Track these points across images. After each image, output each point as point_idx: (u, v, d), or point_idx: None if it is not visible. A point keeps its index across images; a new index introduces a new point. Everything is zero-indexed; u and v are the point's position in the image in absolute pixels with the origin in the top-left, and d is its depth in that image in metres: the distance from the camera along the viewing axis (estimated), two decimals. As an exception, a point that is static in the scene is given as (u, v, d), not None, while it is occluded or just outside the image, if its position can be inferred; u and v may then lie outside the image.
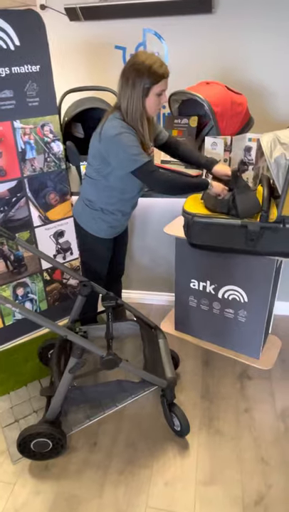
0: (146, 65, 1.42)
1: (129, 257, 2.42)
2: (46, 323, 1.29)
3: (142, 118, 1.50)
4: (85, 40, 2.62)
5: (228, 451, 1.58)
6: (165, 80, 1.48)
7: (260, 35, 2.31)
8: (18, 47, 1.61)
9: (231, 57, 2.40)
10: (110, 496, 1.43)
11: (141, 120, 1.50)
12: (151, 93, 1.46)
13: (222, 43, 2.39)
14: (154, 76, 1.43)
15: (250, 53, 2.36)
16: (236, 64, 2.40)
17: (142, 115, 1.50)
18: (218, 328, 2.06)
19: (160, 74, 1.44)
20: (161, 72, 1.44)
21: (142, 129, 1.52)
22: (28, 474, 1.52)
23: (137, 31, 2.55)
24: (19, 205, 1.87)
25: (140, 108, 1.48)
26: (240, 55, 2.38)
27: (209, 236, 1.67)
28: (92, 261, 1.88)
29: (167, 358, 1.67)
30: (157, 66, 1.43)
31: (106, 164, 1.56)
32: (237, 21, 2.33)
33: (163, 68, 1.45)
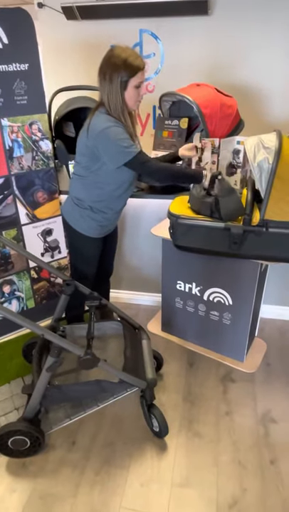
0: (121, 58, 1.43)
1: (119, 256, 2.42)
2: (23, 322, 1.29)
3: (123, 111, 1.52)
4: (81, 39, 2.63)
5: (205, 453, 1.58)
6: (142, 72, 1.49)
7: (256, 38, 2.30)
8: (7, 45, 1.61)
9: (226, 59, 2.40)
10: (85, 496, 1.44)
11: (123, 114, 1.52)
12: (129, 86, 1.48)
13: (217, 44, 2.39)
14: (130, 69, 1.44)
15: (245, 55, 2.36)
16: (231, 66, 2.40)
17: (123, 109, 1.52)
18: (203, 330, 2.06)
19: (136, 66, 1.44)
20: (136, 64, 1.45)
21: (125, 122, 1.53)
22: (4, 471, 1.52)
23: (133, 31, 2.55)
24: (6, 202, 1.88)
25: (120, 102, 1.49)
26: (235, 57, 2.38)
27: (193, 238, 1.66)
28: (81, 260, 1.88)
29: (149, 358, 1.66)
30: (133, 59, 1.44)
31: (95, 160, 1.57)
32: (233, 23, 2.32)
33: (138, 60, 1.46)
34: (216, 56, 2.42)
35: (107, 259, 2.02)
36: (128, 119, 1.54)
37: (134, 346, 1.72)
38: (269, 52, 2.31)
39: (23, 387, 1.68)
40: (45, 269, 2.15)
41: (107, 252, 1.98)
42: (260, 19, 2.26)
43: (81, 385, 1.59)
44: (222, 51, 2.40)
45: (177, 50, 2.51)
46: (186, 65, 2.50)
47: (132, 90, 1.49)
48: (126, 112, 1.53)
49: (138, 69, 1.46)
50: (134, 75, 1.46)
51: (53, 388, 1.51)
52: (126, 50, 1.46)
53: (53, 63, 2.61)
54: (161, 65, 2.58)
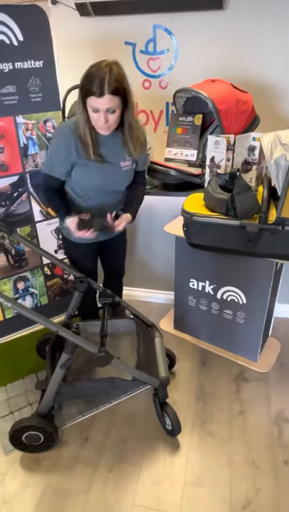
0: (84, 74, 1.33)
1: (132, 254, 2.42)
2: (38, 318, 1.30)
3: (84, 127, 1.41)
4: (94, 35, 2.61)
5: (218, 453, 1.57)
6: (95, 99, 1.31)
7: (271, 32, 2.26)
8: (22, 42, 1.62)
9: (241, 54, 2.36)
10: (98, 492, 1.44)
11: (83, 129, 1.41)
12: (87, 106, 1.36)
13: (232, 39, 2.36)
14: (83, 88, 1.33)
15: (261, 50, 2.31)
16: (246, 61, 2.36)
17: (84, 126, 1.41)
18: (216, 329, 2.04)
19: (88, 89, 1.31)
20: (89, 87, 1.30)
21: (84, 139, 1.43)
22: (19, 466, 1.54)
23: (147, 27, 2.53)
24: (20, 199, 1.89)
25: (82, 118, 1.40)
26: (250, 51, 2.34)
27: (208, 236, 1.65)
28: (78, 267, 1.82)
29: (162, 356, 1.66)
30: (89, 80, 1.30)
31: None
32: (248, 18, 2.28)
33: (94, 85, 1.29)
34: (231, 51, 2.38)
35: (113, 262, 1.98)
36: (88, 136, 1.42)
37: (147, 344, 1.71)
38: (285, 47, 2.26)
39: (37, 383, 1.69)
40: (58, 266, 2.16)
41: (111, 256, 1.94)
42: (275, 13, 2.21)
43: (94, 382, 1.59)
44: (237, 46, 2.36)
45: (191, 46, 2.47)
46: (201, 60, 2.47)
47: (90, 111, 1.37)
48: (87, 128, 1.41)
49: (90, 93, 1.31)
50: (87, 97, 1.33)
51: (67, 385, 1.52)
52: (97, 70, 1.30)
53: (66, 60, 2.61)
54: (174, 61, 2.55)
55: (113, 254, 1.92)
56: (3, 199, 1.83)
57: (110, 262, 1.97)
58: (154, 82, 2.63)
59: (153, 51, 2.56)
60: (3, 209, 1.85)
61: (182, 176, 1.95)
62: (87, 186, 1.57)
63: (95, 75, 1.29)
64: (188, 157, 2.08)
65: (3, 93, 1.64)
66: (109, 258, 1.94)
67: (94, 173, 1.52)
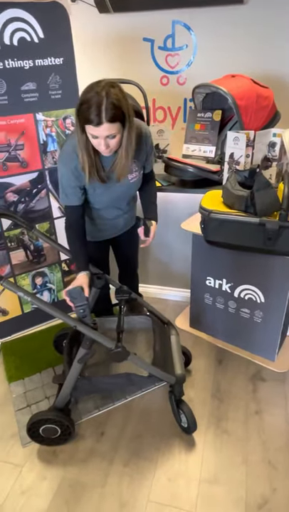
0: (80, 99, 1.24)
1: (148, 251, 2.42)
2: (57, 313, 1.32)
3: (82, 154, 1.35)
4: (113, 32, 2.62)
5: (234, 452, 1.56)
6: (93, 127, 1.24)
7: (293, 26, 2.22)
8: (42, 39, 1.63)
9: (262, 49, 2.33)
10: (114, 486, 1.45)
11: (82, 157, 1.35)
12: (86, 132, 1.29)
13: (253, 34, 2.32)
14: (80, 116, 1.25)
15: (282, 45, 2.27)
16: (267, 55, 2.32)
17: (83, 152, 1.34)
18: (233, 328, 2.02)
19: (85, 117, 1.23)
20: (86, 116, 1.22)
21: (83, 166, 1.38)
22: (36, 458, 1.56)
23: (165, 23, 2.51)
24: (40, 196, 1.91)
25: (81, 143, 1.33)
26: (271, 46, 2.30)
27: (226, 233, 1.63)
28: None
29: (178, 354, 1.65)
30: (85, 108, 1.21)
31: None
32: (269, 12, 2.24)
33: (91, 113, 1.20)
34: (251, 46, 2.34)
35: (127, 255, 1.97)
36: (86, 157, 1.35)
37: (163, 341, 1.71)
38: (307, 41, 2.22)
39: (54, 377, 1.71)
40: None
41: (124, 249, 1.93)
42: (298, 6, 2.17)
43: (111, 377, 1.60)
44: (257, 40, 2.32)
45: (211, 41, 2.45)
46: (220, 56, 2.44)
47: (89, 136, 1.30)
48: (87, 150, 1.34)
49: (87, 121, 1.23)
50: (85, 124, 1.26)
51: (84, 379, 1.53)
52: (90, 94, 1.21)
53: (85, 57, 2.62)
54: (193, 57, 2.53)
55: (126, 247, 1.92)
56: (22, 195, 1.86)
57: (124, 255, 1.97)
58: (172, 79, 2.62)
59: (172, 47, 2.55)
60: (22, 205, 1.88)
61: (200, 172, 1.93)
62: (98, 203, 1.56)
63: (92, 102, 1.20)
64: (207, 153, 2.07)
65: (23, 90, 1.66)
66: (123, 251, 1.94)
67: (103, 193, 1.51)
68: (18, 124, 1.70)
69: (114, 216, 1.66)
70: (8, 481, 1.49)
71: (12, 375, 1.95)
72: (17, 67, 1.61)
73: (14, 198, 1.84)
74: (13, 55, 1.59)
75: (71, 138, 1.41)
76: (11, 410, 1.77)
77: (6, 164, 1.75)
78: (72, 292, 1.32)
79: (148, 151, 1.54)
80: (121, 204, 1.62)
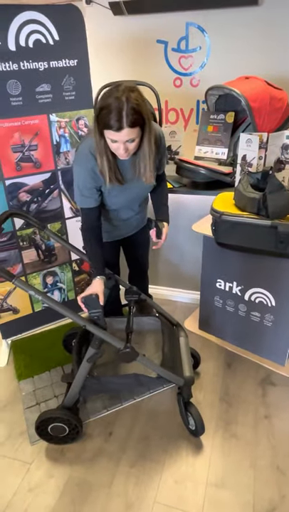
0: (100, 104, 1.24)
1: (158, 252, 2.42)
2: (66, 312, 1.33)
3: (101, 158, 1.36)
4: (127, 34, 2.63)
5: (242, 456, 1.54)
6: (113, 133, 1.25)
7: (309, 28, 2.20)
8: (57, 41, 1.65)
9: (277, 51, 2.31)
10: (120, 487, 1.46)
11: (100, 161, 1.37)
12: (105, 136, 1.30)
13: (267, 35, 2.31)
14: (100, 121, 1.26)
15: (296, 46, 2.25)
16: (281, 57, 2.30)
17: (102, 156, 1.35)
18: (243, 331, 2.01)
19: (105, 123, 1.24)
20: (106, 121, 1.23)
21: (101, 168, 1.39)
22: (44, 456, 1.57)
23: (179, 25, 2.52)
24: (52, 196, 1.93)
25: (99, 147, 1.34)
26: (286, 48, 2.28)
27: (237, 236, 1.62)
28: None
29: (186, 356, 1.65)
30: (105, 113, 1.22)
31: None
32: (284, 13, 2.23)
33: (112, 118, 1.21)
34: (265, 47, 2.33)
35: (137, 255, 1.98)
36: (105, 160, 1.36)
37: (172, 343, 1.71)
38: None
39: (63, 375, 1.72)
40: (86, 263, 2.19)
41: (135, 249, 1.94)
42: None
43: (119, 377, 1.61)
44: (272, 42, 2.31)
45: (225, 43, 2.44)
46: (234, 57, 2.44)
47: (108, 141, 1.31)
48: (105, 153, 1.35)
49: (106, 127, 1.25)
50: (104, 130, 1.27)
51: (92, 379, 1.54)
52: (110, 100, 1.21)
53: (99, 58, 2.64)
54: (207, 59, 2.53)
55: (137, 247, 1.92)
56: (35, 195, 1.88)
57: (134, 256, 1.97)
58: (186, 80, 2.62)
59: (185, 49, 2.55)
60: (35, 205, 1.90)
61: (212, 174, 1.93)
62: (113, 204, 1.57)
63: (112, 107, 1.20)
64: (219, 155, 2.06)
65: (38, 91, 1.68)
66: (133, 251, 1.94)
67: (119, 194, 1.52)
68: (32, 124, 1.73)
69: (127, 217, 1.66)
70: (16, 478, 1.50)
71: (22, 373, 1.96)
72: (32, 68, 1.63)
73: (27, 198, 1.86)
74: (29, 57, 1.61)
75: (86, 139, 1.42)
76: (20, 408, 1.78)
77: (19, 164, 1.77)
78: (88, 299, 1.35)
79: (161, 152, 1.54)
80: (134, 205, 1.63)
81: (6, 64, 1.58)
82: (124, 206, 1.60)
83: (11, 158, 1.74)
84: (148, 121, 1.30)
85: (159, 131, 1.50)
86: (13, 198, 1.82)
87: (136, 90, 1.25)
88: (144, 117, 1.27)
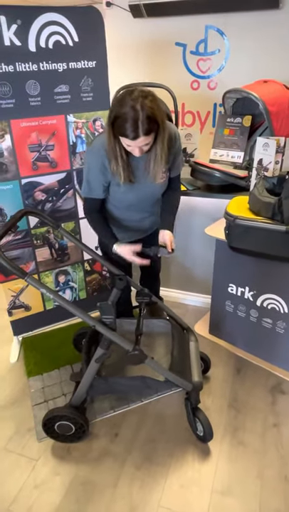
0: (116, 112, 1.25)
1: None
2: (77, 312, 1.33)
3: (114, 159, 1.39)
4: (146, 36, 2.64)
5: (250, 464, 1.52)
6: (128, 140, 1.28)
7: None
8: (77, 43, 1.66)
9: (296, 54, 2.29)
10: (125, 488, 1.45)
11: (114, 162, 1.40)
12: (121, 140, 1.33)
13: (287, 39, 2.28)
14: (116, 128, 1.29)
15: (317, 50, 2.22)
16: (301, 61, 2.28)
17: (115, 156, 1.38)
18: (254, 337, 1.98)
19: (120, 131, 1.27)
20: (122, 130, 1.26)
21: (114, 167, 1.42)
22: (50, 454, 1.58)
23: (198, 28, 2.51)
24: (66, 196, 1.95)
25: (112, 150, 1.37)
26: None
27: (250, 240, 1.61)
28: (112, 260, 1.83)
29: (196, 361, 1.63)
30: (121, 122, 1.24)
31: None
32: (306, 16, 2.20)
33: (128, 128, 1.24)
34: (285, 51, 2.31)
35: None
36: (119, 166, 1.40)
37: (182, 347, 1.69)
38: None
39: (72, 374, 1.73)
40: (98, 263, 2.20)
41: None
42: None
43: (127, 379, 1.60)
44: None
45: (244, 46, 2.43)
46: (253, 61, 2.42)
47: (123, 143, 1.34)
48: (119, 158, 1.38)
49: (121, 135, 1.29)
50: (120, 136, 1.30)
51: (100, 379, 1.54)
52: (126, 108, 1.22)
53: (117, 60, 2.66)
54: (225, 62, 2.52)
55: None
56: (50, 194, 1.90)
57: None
58: (203, 83, 2.62)
59: (204, 52, 2.54)
60: (50, 204, 1.92)
61: (227, 177, 1.91)
62: (123, 201, 1.59)
63: (128, 117, 1.21)
64: (235, 159, 2.04)
65: (56, 92, 1.70)
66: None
67: (127, 191, 1.53)
68: (49, 125, 1.75)
69: (140, 218, 1.67)
70: (22, 474, 1.52)
71: (31, 369, 1.98)
72: (51, 69, 1.65)
73: (42, 197, 1.89)
74: (48, 58, 1.63)
75: (101, 135, 1.45)
76: (29, 405, 1.80)
77: (36, 164, 1.79)
78: (103, 305, 1.37)
79: (175, 152, 1.53)
80: (145, 205, 1.63)
81: (26, 64, 1.60)
82: (135, 205, 1.61)
83: (28, 158, 1.76)
84: (162, 124, 1.31)
85: (174, 130, 1.50)
86: (28, 197, 1.85)
87: (149, 95, 1.25)
88: (159, 123, 1.29)
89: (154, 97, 1.27)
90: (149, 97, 1.25)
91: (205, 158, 2.21)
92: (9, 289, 2.00)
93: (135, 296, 1.76)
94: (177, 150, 1.54)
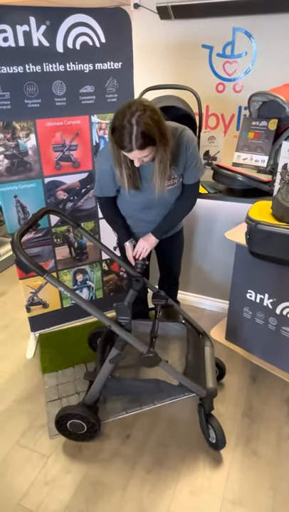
0: (112, 125, 1.28)
1: (189, 258, 2.39)
2: (93, 311, 1.33)
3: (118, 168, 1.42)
4: (173, 38, 2.63)
5: (262, 475, 1.49)
6: (125, 152, 1.31)
7: None
8: (104, 44, 1.67)
9: None
10: (134, 491, 1.44)
11: (119, 170, 1.43)
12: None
13: (317, 42, 2.23)
14: (113, 140, 1.30)
15: None
16: None
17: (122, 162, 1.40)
18: (271, 345, 1.94)
19: (117, 142, 1.29)
20: (118, 142, 1.28)
21: (118, 176, 1.46)
22: (62, 451, 1.59)
23: (226, 30, 2.49)
24: (87, 196, 1.96)
25: (115, 158, 1.40)
26: None
27: (272, 246, 1.57)
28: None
29: (211, 366, 1.61)
30: (117, 135, 1.26)
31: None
32: None
33: (123, 141, 1.25)
34: (314, 54, 2.26)
35: (168, 262, 1.98)
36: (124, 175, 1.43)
37: (197, 352, 1.68)
38: None
39: (86, 373, 1.74)
40: (115, 263, 2.21)
41: (166, 257, 1.94)
42: None
43: (140, 381, 1.59)
44: None
45: (272, 49, 2.39)
46: (281, 64, 2.37)
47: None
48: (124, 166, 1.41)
49: (118, 146, 1.30)
50: (118, 148, 1.32)
51: (114, 379, 1.54)
52: (122, 122, 1.22)
53: (142, 61, 2.67)
54: (252, 65, 2.48)
55: (168, 253, 1.92)
56: (72, 194, 1.92)
57: (165, 261, 1.97)
58: (228, 86, 2.59)
59: (230, 54, 2.51)
60: (71, 203, 1.94)
61: (250, 181, 1.88)
62: (133, 204, 1.61)
63: (123, 131, 1.23)
64: (258, 163, 2.01)
65: (81, 93, 1.71)
66: (165, 257, 1.94)
67: (136, 196, 1.55)
68: (73, 125, 1.76)
69: (153, 220, 1.67)
70: (33, 469, 1.53)
71: (46, 366, 2.00)
72: (77, 70, 1.67)
73: (64, 196, 1.91)
74: (75, 59, 1.65)
75: None
76: (42, 401, 1.82)
77: (59, 163, 1.81)
78: (119, 306, 1.37)
79: (188, 157, 1.49)
80: (158, 209, 1.63)
81: (53, 65, 1.62)
82: (146, 208, 1.61)
83: (52, 157, 1.78)
84: (160, 140, 1.30)
85: (186, 138, 1.46)
86: (50, 196, 1.87)
87: (149, 109, 1.23)
88: (155, 139, 1.28)
89: (153, 112, 1.25)
90: (148, 111, 1.23)
91: (228, 161, 2.18)
92: (28, 286, 2.03)
93: (151, 298, 1.75)
94: (190, 157, 1.49)
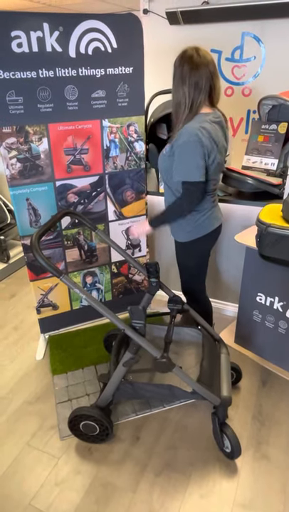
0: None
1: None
2: (108, 315, 1.34)
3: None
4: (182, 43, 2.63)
5: (273, 479, 1.48)
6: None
7: None
8: (115, 49, 1.69)
9: None
10: (144, 494, 1.44)
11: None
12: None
13: None
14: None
15: None
16: None
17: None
18: (282, 349, 1.93)
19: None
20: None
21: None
22: (72, 452, 1.60)
23: (235, 35, 2.50)
24: (98, 199, 1.98)
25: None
26: None
27: (283, 249, 1.57)
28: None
29: (226, 374, 1.58)
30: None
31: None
32: None
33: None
34: None
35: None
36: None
37: (212, 358, 1.65)
38: None
39: (100, 375, 1.74)
40: (125, 265, 2.22)
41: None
42: None
43: (153, 386, 1.57)
44: None
45: (281, 53, 2.40)
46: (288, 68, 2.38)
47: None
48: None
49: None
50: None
51: (127, 383, 1.54)
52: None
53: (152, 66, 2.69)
54: (260, 69, 2.49)
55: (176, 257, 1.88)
56: (82, 197, 1.94)
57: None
58: (237, 90, 2.60)
59: (239, 58, 2.53)
60: (81, 206, 1.96)
61: (260, 185, 1.89)
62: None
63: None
64: (268, 166, 2.01)
65: (93, 97, 1.74)
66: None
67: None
68: (85, 129, 1.78)
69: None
70: (44, 470, 1.54)
71: (56, 368, 2.02)
72: (89, 75, 1.69)
73: (75, 199, 1.92)
74: (87, 64, 1.67)
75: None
76: (52, 402, 1.83)
77: (70, 167, 1.83)
78: (133, 309, 1.36)
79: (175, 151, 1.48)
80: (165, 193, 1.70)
81: (66, 70, 1.64)
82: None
83: (63, 161, 1.81)
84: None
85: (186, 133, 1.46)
86: (62, 199, 1.89)
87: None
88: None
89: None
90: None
91: (237, 164, 2.19)
92: (39, 288, 2.05)
93: (167, 302, 1.75)
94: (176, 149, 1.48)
